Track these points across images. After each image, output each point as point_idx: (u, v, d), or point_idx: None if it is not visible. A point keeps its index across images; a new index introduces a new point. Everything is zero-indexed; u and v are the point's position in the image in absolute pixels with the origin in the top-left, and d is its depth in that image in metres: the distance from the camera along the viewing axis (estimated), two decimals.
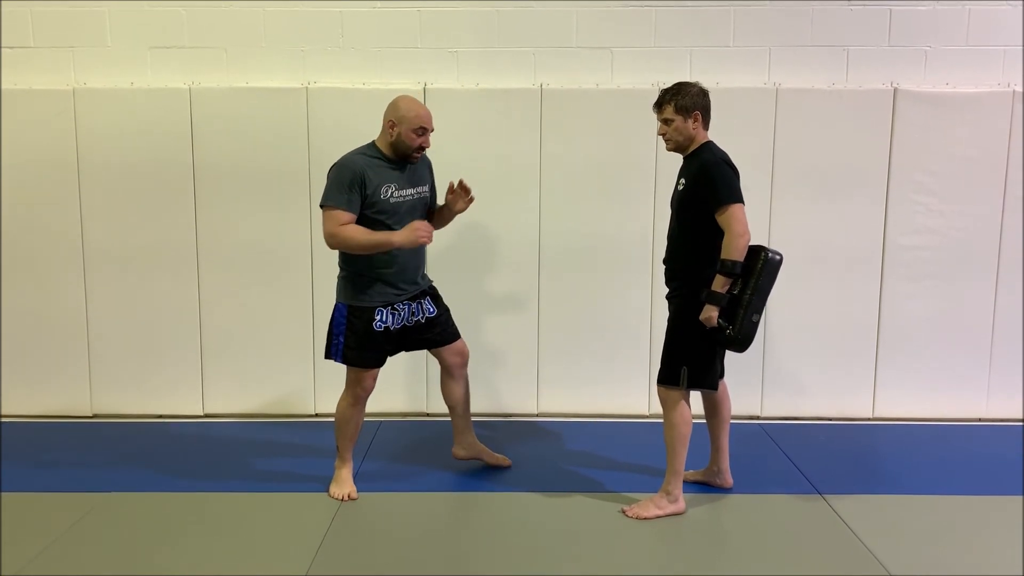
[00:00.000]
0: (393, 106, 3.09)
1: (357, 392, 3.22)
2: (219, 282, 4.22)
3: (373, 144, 3.14)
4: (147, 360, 4.27)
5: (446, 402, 3.51)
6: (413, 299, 3.23)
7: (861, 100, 4.13)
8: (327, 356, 3.22)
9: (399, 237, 3.06)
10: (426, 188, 3.25)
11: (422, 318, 3.25)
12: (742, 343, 2.97)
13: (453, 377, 3.41)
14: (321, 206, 3.06)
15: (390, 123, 3.07)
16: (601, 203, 4.18)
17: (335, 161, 3.10)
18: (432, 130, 3.15)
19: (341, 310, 3.16)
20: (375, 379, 3.24)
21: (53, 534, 2.94)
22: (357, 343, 3.13)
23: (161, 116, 4.10)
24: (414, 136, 3.06)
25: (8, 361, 4.27)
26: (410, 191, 3.16)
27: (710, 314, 2.95)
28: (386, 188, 3.07)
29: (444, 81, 4.17)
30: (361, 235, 3.04)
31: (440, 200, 3.37)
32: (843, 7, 4.18)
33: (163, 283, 4.21)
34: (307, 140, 4.12)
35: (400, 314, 3.18)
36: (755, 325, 2.97)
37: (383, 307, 3.14)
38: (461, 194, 3.28)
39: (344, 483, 3.27)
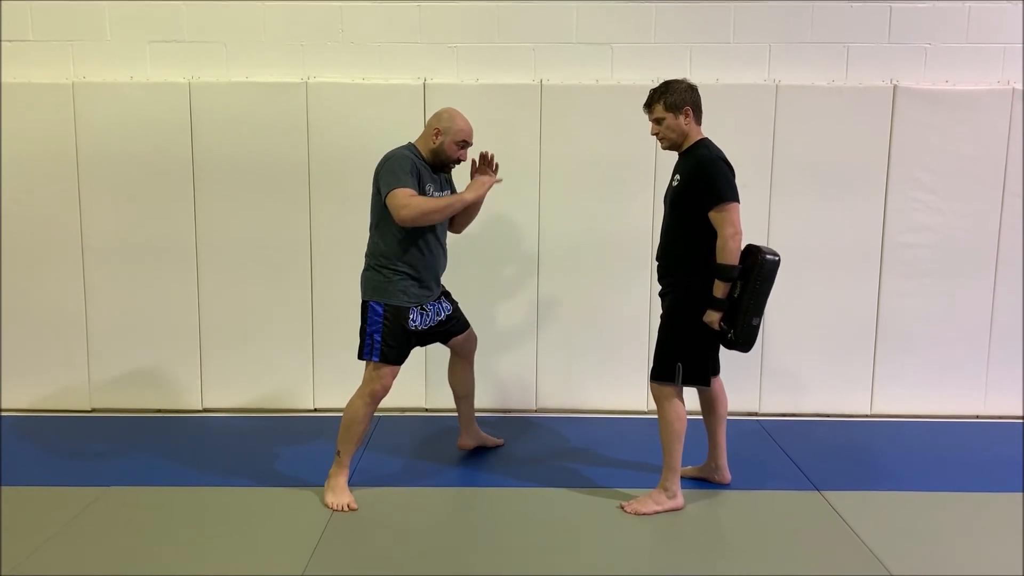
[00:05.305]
0: (440, 116, 3.17)
1: (376, 389, 3.14)
2: (218, 276, 4.22)
3: (413, 145, 3.19)
4: (146, 354, 4.27)
5: (457, 390, 3.58)
6: (436, 300, 3.29)
7: (861, 97, 4.13)
8: (362, 356, 3.14)
9: (470, 194, 3.16)
10: (449, 195, 3.29)
11: (443, 317, 3.33)
12: (743, 346, 3.02)
13: (468, 362, 3.54)
14: (387, 192, 3.01)
15: (435, 131, 3.14)
16: (601, 199, 4.18)
17: (386, 155, 3.11)
18: (472, 145, 3.22)
19: (376, 309, 3.11)
20: (395, 377, 3.19)
21: (52, 528, 2.94)
22: (395, 341, 3.13)
23: (160, 110, 4.10)
24: (456, 148, 3.16)
25: (7, 355, 4.26)
26: (442, 195, 3.21)
27: (712, 318, 2.99)
28: (428, 187, 3.14)
29: (444, 76, 4.17)
30: (434, 200, 3.08)
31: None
32: (843, 4, 4.17)
33: (162, 277, 4.21)
34: (307, 135, 4.12)
35: (427, 315, 3.23)
36: (755, 328, 3.01)
37: (415, 307, 3.17)
38: (486, 167, 3.31)
39: (341, 492, 3.15)
